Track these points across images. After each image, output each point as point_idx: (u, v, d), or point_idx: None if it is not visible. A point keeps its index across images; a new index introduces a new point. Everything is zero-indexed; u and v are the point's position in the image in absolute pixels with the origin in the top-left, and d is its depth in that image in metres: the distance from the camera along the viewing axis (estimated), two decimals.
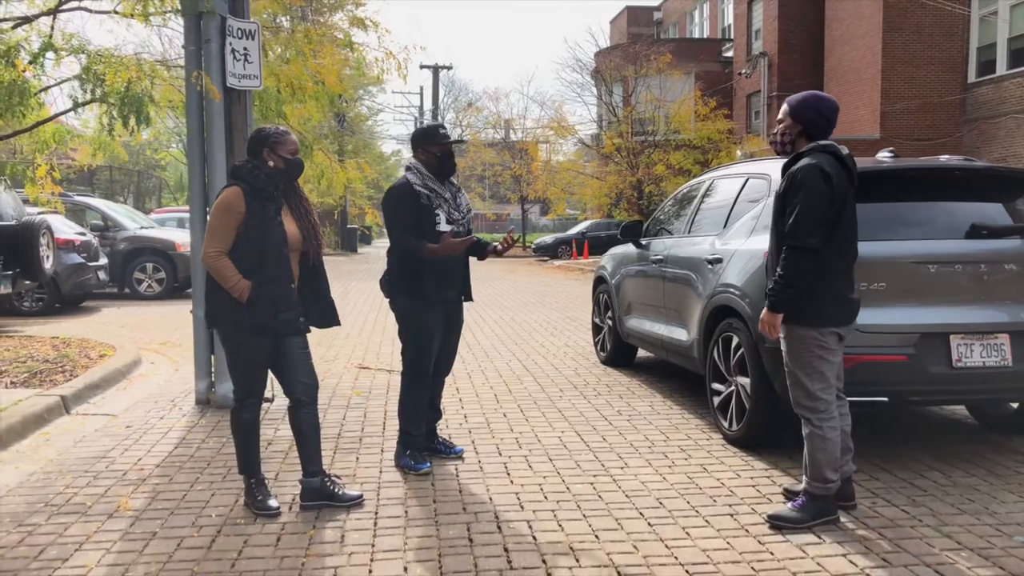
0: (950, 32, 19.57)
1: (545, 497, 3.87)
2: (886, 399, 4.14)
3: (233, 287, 3.47)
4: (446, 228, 4.20)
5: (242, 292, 3.47)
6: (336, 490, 3.74)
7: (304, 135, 7.72)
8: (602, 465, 4.36)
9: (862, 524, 3.53)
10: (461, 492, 3.94)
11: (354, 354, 7.89)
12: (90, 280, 11.88)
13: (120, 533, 3.43)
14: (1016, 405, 4.88)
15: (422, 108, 45.55)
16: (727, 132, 25.62)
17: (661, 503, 3.78)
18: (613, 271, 7.26)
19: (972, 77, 19.61)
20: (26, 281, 9.28)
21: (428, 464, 4.25)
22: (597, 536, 3.39)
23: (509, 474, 4.22)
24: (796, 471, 4.15)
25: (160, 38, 50.13)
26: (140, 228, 14.14)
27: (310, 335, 3.75)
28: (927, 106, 19.71)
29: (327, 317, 3.82)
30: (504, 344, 8.61)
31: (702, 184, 6.21)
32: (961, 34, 19.62)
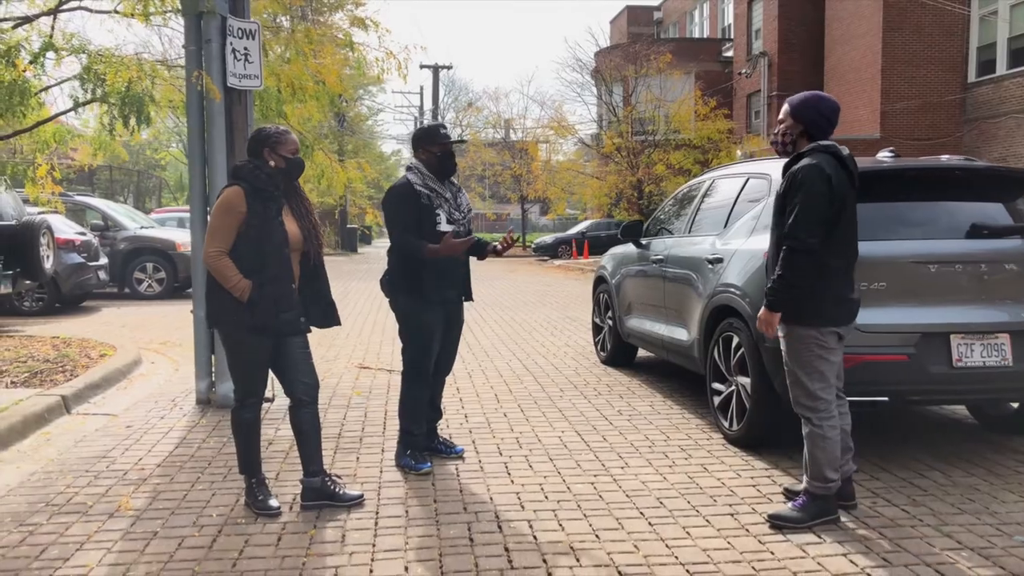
0: (950, 32, 19.58)
1: (546, 497, 3.87)
2: (887, 399, 4.15)
3: (234, 287, 3.47)
4: (447, 228, 4.20)
5: (243, 292, 3.47)
6: (337, 490, 3.75)
7: (304, 135, 7.72)
8: (603, 465, 4.36)
9: (862, 524, 3.53)
10: (462, 492, 3.95)
11: (354, 354, 7.90)
12: (90, 280, 11.88)
13: (121, 533, 3.43)
14: (1016, 405, 4.88)
15: (422, 108, 45.59)
16: (727, 132, 25.64)
17: (661, 503, 3.78)
18: (613, 271, 7.26)
19: (972, 77, 19.62)
20: (26, 281, 9.29)
21: (429, 464, 4.26)
22: (598, 536, 3.40)
23: (510, 474, 4.22)
24: (796, 471, 4.15)
25: (160, 38, 50.12)
26: (140, 228, 14.14)
27: (310, 335, 3.76)
28: (927, 106, 19.72)
29: (328, 317, 3.83)
30: (504, 344, 8.62)
31: (702, 184, 6.21)
32: (961, 34, 19.62)
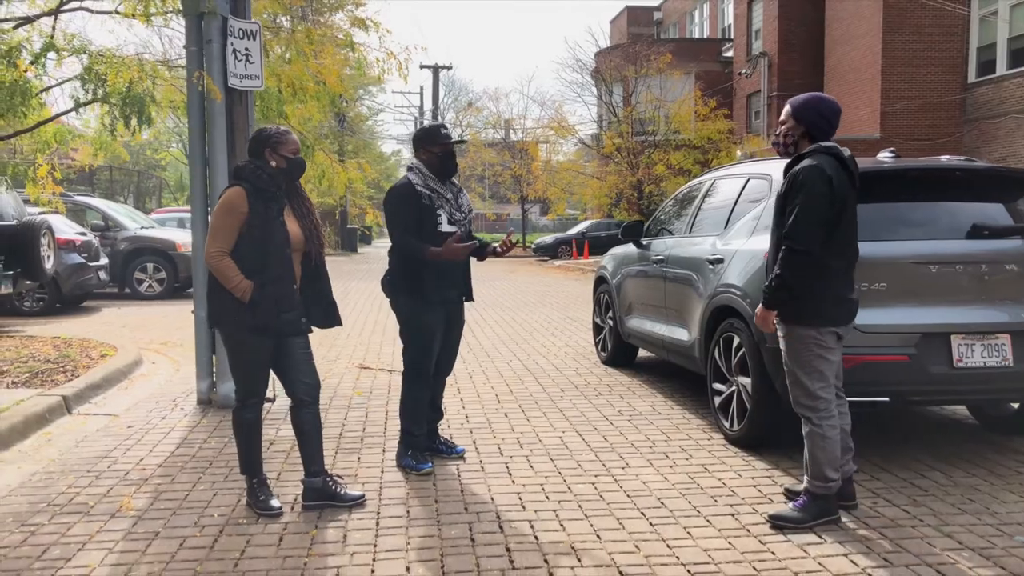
0: (950, 32, 19.58)
1: (547, 497, 3.87)
2: (887, 399, 4.15)
3: (235, 287, 3.48)
4: (448, 228, 4.20)
5: (244, 292, 3.48)
6: (338, 490, 3.75)
7: (305, 135, 7.73)
8: (603, 465, 4.37)
9: (863, 524, 3.54)
10: (463, 492, 3.95)
11: (355, 354, 7.90)
12: (91, 280, 11.89)
13: (123, 533, 3.43)
14: (1017, 405, 4.88)
15: (422, 108, 45.58)
16: (727, 132, 25.64)
17: (662, 503, 3.79)
18: (614, 271, 7.27)
19: (972, 77, 19.62)
20: (27, 281, 9.29)
21: (430, 464, 4.26)
22: (599, 536, 3.40)
23: (511, 474, 4.22)
24: (797, 471, 4.16)
25: (160, 39, 50.22)
26: (141, 228, 14.15)
27: (311, 335, 3.76)
28: (927, 106, 19.72)
29: (329, 317, 3.83)
30: (505, 344, 8.62)
31: (703, 184, 6.21)
32: (961, 34, 19.62)
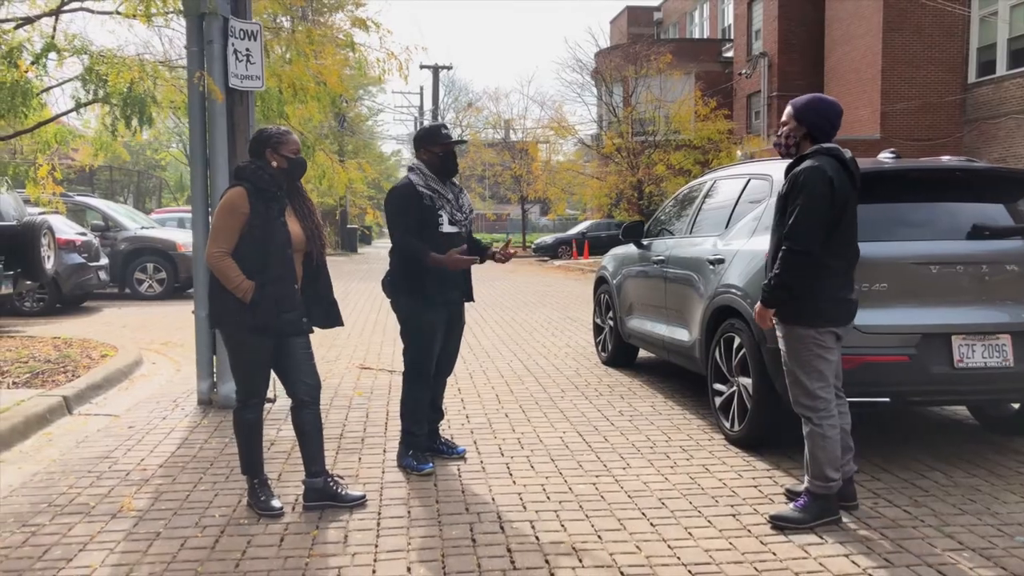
0: (950, 32, 19.58)
1: (548, 497, 3.87)
2: (888, 399, 4.15)
3: (236, 287, 3.48)
4: (448, 229, 4.21)
5: (245, 292, 3.48)
6: (339, 490, 3.75)
7: (306, 135, 7.73)
8: (604, 465, 4.37)
9: (864, 524, 3.54)
10: (464, 492, 3.95)
11: (355, 354, 7.90)
12: (91, 280, 11.89)
13: (124, 533, 3.43)
14: (1018, 406, 4.88)
15: (422, 108, 45.59)
16: (727, 132, 25.62)
17: (663, 503, 3.79)
18: (614, 271, 7.27)
19: (972, 77, 19.62)
20: (27, 281, 9.28)
21: (431, 464, 4.26)
22: (600, 536, 3.40)
23: (511, 474, 4.23)
24: (798, 471, 4.16)
25: (161, 39, 50.16)
26: (141, 228, 14.15)
27: (312, 335, 3.76)
28: (927, 106, 19.72)
29: (330, 317, 3.84)
30: (505, 344, 8.62)
31: (704, 185, 6.21)
32: (961, 34, 19.63)
